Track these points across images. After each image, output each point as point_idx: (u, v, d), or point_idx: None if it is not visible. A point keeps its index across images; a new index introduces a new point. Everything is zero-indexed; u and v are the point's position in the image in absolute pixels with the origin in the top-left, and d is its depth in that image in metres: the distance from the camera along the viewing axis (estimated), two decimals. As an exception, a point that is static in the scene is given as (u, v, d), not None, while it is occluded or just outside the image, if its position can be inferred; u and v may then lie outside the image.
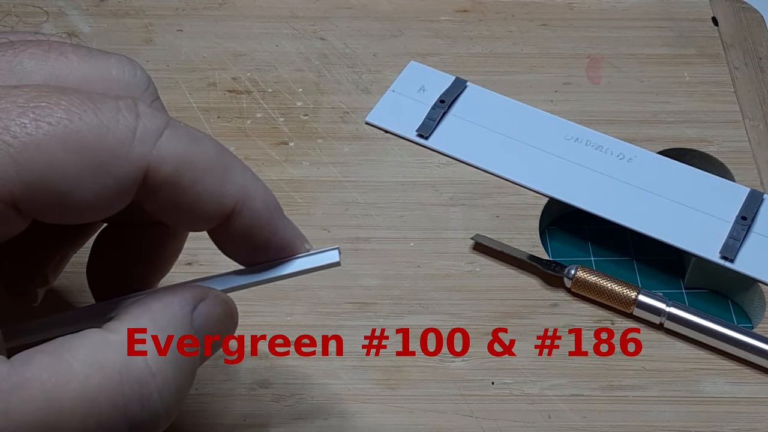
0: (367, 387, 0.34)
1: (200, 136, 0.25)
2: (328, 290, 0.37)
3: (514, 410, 0.34)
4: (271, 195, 0.26)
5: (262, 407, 0.34)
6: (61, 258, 0.30)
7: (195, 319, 0.25)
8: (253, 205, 0.26)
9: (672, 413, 0.34)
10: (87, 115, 0.23)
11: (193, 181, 0.24)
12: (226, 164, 0.25)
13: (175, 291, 0.26)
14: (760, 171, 0.41)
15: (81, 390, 0.22)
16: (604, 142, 0.42)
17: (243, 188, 0.25)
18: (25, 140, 0.22)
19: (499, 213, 0.40)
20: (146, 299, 0.25)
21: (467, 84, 0.44)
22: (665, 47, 0.46)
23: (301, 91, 0.44)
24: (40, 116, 0.22)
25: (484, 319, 0.36)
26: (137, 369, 0.23)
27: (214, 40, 0.46)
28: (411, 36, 0.47)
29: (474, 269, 0.38)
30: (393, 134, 0.43)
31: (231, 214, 0.25)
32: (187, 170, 0.24)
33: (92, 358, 0.23)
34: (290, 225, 0.27)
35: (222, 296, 0.27)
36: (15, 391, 0.22)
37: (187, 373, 0.25)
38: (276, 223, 0.26)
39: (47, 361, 0.22)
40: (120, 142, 0.23)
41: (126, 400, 0.23)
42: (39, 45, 0.25)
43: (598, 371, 0.35)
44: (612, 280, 0.36)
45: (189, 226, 0.27)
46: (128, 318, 0.24)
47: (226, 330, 0.27)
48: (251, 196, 0.25)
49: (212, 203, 0.25)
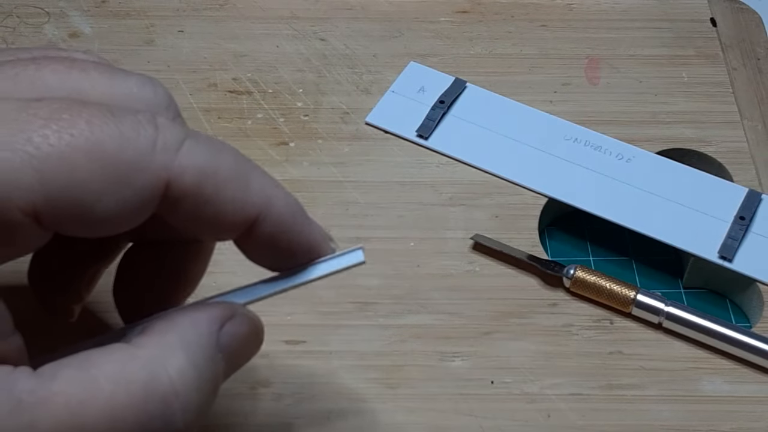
0: (367, 386, 0.34)
1: (220, 145, 0.25)
2: (328, 290, 0.37)
3: (514, 409, 0.34)
4: (293, 199, 0.26)
5: (263, 406, 0.34)
6: (92, 274, 0.30)
7: (221, 337, 0.25)
8: (277, 210, 0.25)
9: (670, 412, 0.34)
10: (108, 127, 0.23)
11: (216, 191, 0.24)
12: (247, 172, 0.25)
13: (203, 308, 0.25)
14: (758, 171, 0.41)
15: (106, 407, 0.22)
16: (602, 142, 0.42)
17: (265, 195, 0.25)
18: (48, 151, 0.22)
19: (498, 213, 0.40)
20: (174, 315, 0.25)
21: (467, 84, 0.44)
22: (664, 48, 0.46)
23: (301, 91, 0.44)
24: (62, 128, 0.22)
25: (483, 319, 0.36)
26: (162, 386, 0.23)
27: (214, 40, 0.46)
28: (411, 37, 0.47)
29: (473, 269, 0.38)
30: (393, 134, 0.43)
31: (255, 221, 0.25)
32: (209, 180, 0.24)
33: (118, 374, 0.23)
34: (315, 226, 0.27)
35: (249, 315, 0.26)
36: (41, 405, 0.22)
37: (210, 392, 0.25)
38: (300, 226, 0.26)
39: (73, 376, 0.22)
40: (141, 154, 0.23)
41: (149, 417, 0.23)
42: (61, 62, 0.25)
43: (597, 370, 0.35)
44: (611, 280, 0.37)
45: (213, 236, 0.27)
46: (154, 334, 0.24)
47: (251, 350, 0.27)
48: (274, 202, 0.25)
49: (235, 212, 0.25)
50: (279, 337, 0.35)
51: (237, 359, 0.26)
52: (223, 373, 0.25)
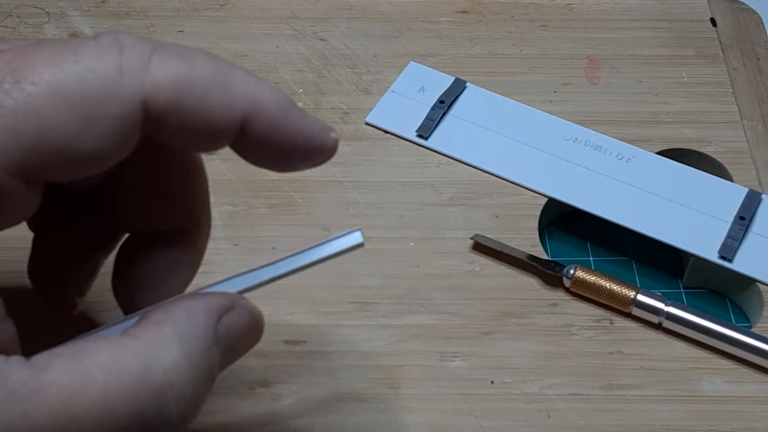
0: (367, 386, 0.34)
1: (193, 53, 0.24)
2: (328, 290, 0.37)
3: (514, 409, 0.34)
4: (281, 94, 0.25)
5: (262, 406, 0.34)
6: (93, 265, 0.30)
7: (219, 328, 0.25)
8: (265, 109, 0.24)
9: (670, 412, 0.34)
10: (68, 65, 0.22)
11: (196, 101, 0.23)
12: (227, 75, 0.24)
13: (201, 298, 0.25)
14: (758, 171, 0.41)
15: (99, 397, 0.22)
16: (602, 142, 0.42)
17: (251, 95, 0.24)
18: (12, 106, 0.21)
19: (498, 213, 0.40)
20: (171, 305, 0.25)
21: (467, 84, 0.44)
22: (664, 48, 0.46)
23: (301, 91, 0.44)
24: (21, 78, 0.22)
25: (483, 319, 0.36)
26: (155, 377, 0.23)
27: (214, 40, 0.46)
28: (411, 37, 0.47)
29: (473, 269, 0.38)
30: (393, 134, 0.43)
31: (244, 123, 0.24)
32: (187, 90, 0.23)
33: (111, 364, 0.23)
34: (311, 120, 0.26)
35: (249, 307, 0.26)
36: (34, 395, 0.22)
37: (205, 383, 0.24)
38: (293, 121, 0.25)
39: (66, 366, 0.22)
40: (107, 82, 0.22)
41: (142, 407, 0.23)
42: None
43: (597, 370, 0.35)
44: (611, 280, 0.37)
45: (205, 147, 0.25)
46: (150, 325, 0.24)
47: (250, 342, 0.27)
48: (260, 101, 0.24)
49: (222, 118, 0.24)
50: (279, 337, 0.35)
51: (234, 351, 0.26)
52: (220, 365, 0.25)
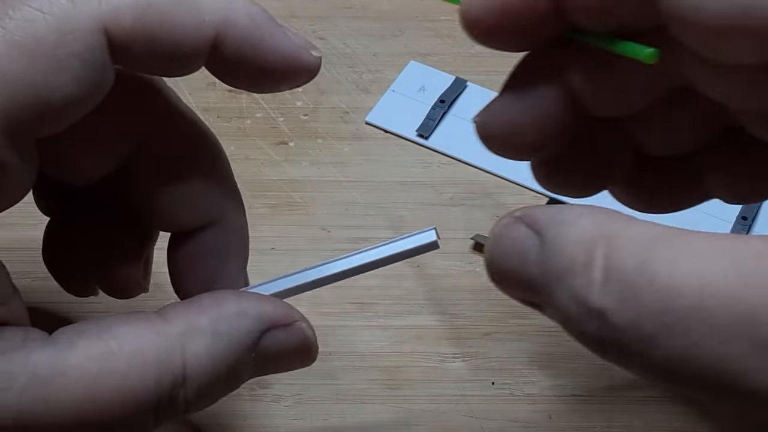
0: (367, 387, 0.34)
1: None
2: (328, 290, 0.37)
3: (515, 410, 0.34)
4: (256, 9, 0.24)
5: (262, 407, 0.34)
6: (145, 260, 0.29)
7: (264, 339, 0.24)
8: (237, 24, 0.23)
9: (672, 413, 0.34)
10: (15, 13, 0.21)
11: (161, 22, 0.22)
12: None
13: (259, 303, 0.25)
14: (760, 171, 0.41)
15: (119, 384, 0.22)
16: (604, 142, 0.42)
17: (220, 10, 0.23)
18: None
19: (499, 213, 0.40)
20: (224, 297, 0.24)
21: (467, 84, 0.44)
22: (665, 47, 0.46)
23: (300, 90, 0.44)
24: None
25: (484, 319, 0.36)
26: (173, 367, 0.23)
27: (213, 39, 0.46)
28: (411, 36, 0.47)
29: (474, 269, 0.38)
30: (393, 134, 0.43)
31: (216, 42, 0.23)
32: (150, 13, 0.22)
33: (136, 347, 0.22)
34: (291, 36, 0.24)
35: (307, 332, 0.25)
36: (56, 379, 0.22)
37: (225, 385, 0.24)
38: (269, 36, 0.24)
39: (91, 347, 0.22)
40: (63, 19, 0.21)
41: (157, 394, 0.23)
42: None
43: (598, 371, 0.35)
44: (612, 280, 0.36)
45: (180, 71, 0.24)
46: (185, 310, 0.24)
47: (294, 365, 0.26)
48: (231, 16, 0.23)
49: (190, 38, 0.23)
50: (278, 338, 0.35)
51: (273, 367, 0.25)
52: (250, 373, 0.25)
